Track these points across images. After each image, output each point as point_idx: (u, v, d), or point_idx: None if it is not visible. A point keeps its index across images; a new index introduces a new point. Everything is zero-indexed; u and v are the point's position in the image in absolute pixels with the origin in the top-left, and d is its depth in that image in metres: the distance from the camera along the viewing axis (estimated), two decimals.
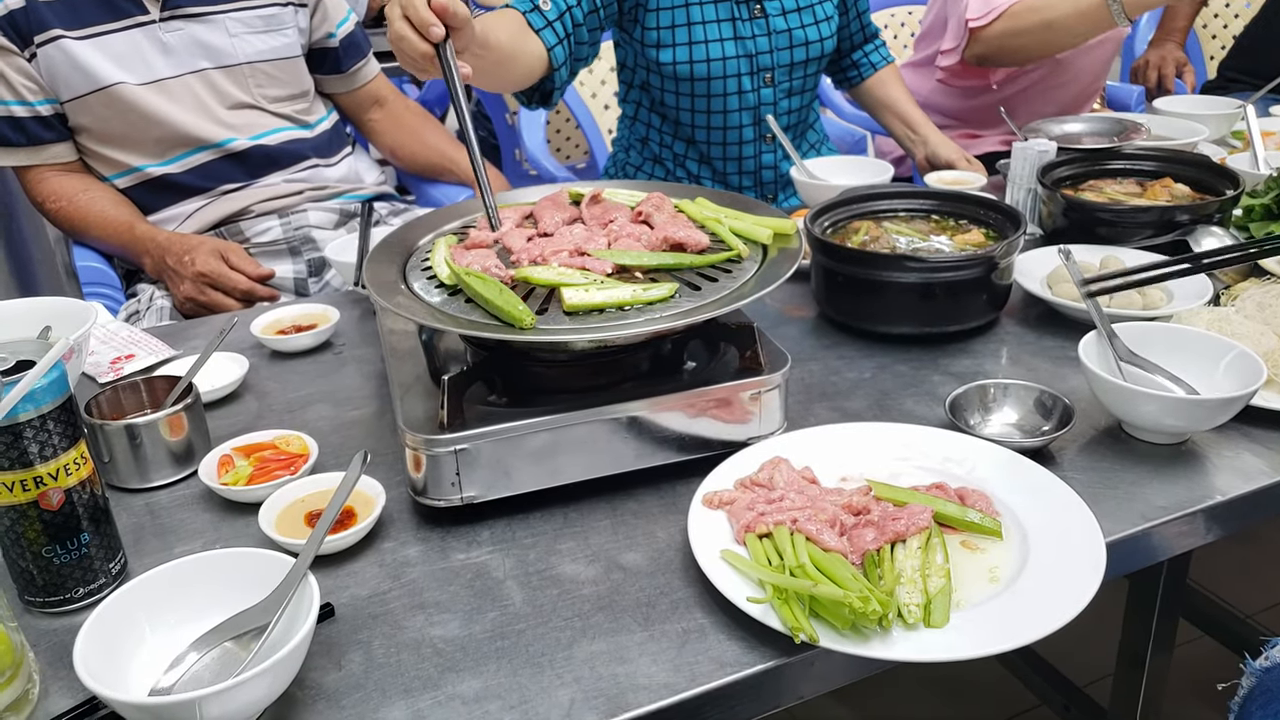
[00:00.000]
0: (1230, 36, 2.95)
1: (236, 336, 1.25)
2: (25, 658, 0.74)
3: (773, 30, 1.71)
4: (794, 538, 0.81)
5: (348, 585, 0.85)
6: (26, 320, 1.14)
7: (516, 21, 1.46)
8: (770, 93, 1.76)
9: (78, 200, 1.68)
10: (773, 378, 0.96)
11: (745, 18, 1.69)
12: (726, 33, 1.68)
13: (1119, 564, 0.88)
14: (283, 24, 1.78)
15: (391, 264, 1.02)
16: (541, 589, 0.84)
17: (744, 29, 1.69)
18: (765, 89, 1.75)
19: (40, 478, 0.77)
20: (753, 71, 1.72)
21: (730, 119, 1.76)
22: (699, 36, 1.67)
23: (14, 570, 0.81)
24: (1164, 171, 1.55)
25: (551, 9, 1.48)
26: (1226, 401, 0.95)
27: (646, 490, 0.95)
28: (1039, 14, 1.89)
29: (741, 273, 0.97)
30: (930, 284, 1.17)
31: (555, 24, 1.49)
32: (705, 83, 1.71)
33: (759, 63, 1.72)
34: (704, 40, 1.67)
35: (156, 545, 0.92)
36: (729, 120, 1.77)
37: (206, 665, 0.73)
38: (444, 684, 0.75)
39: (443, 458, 0.88)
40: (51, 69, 1.61)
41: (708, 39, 1.68)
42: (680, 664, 0.75)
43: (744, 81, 1.72)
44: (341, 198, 1.86)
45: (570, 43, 1.52)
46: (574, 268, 0.95)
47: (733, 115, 1.76)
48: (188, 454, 1.01)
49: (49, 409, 0.76)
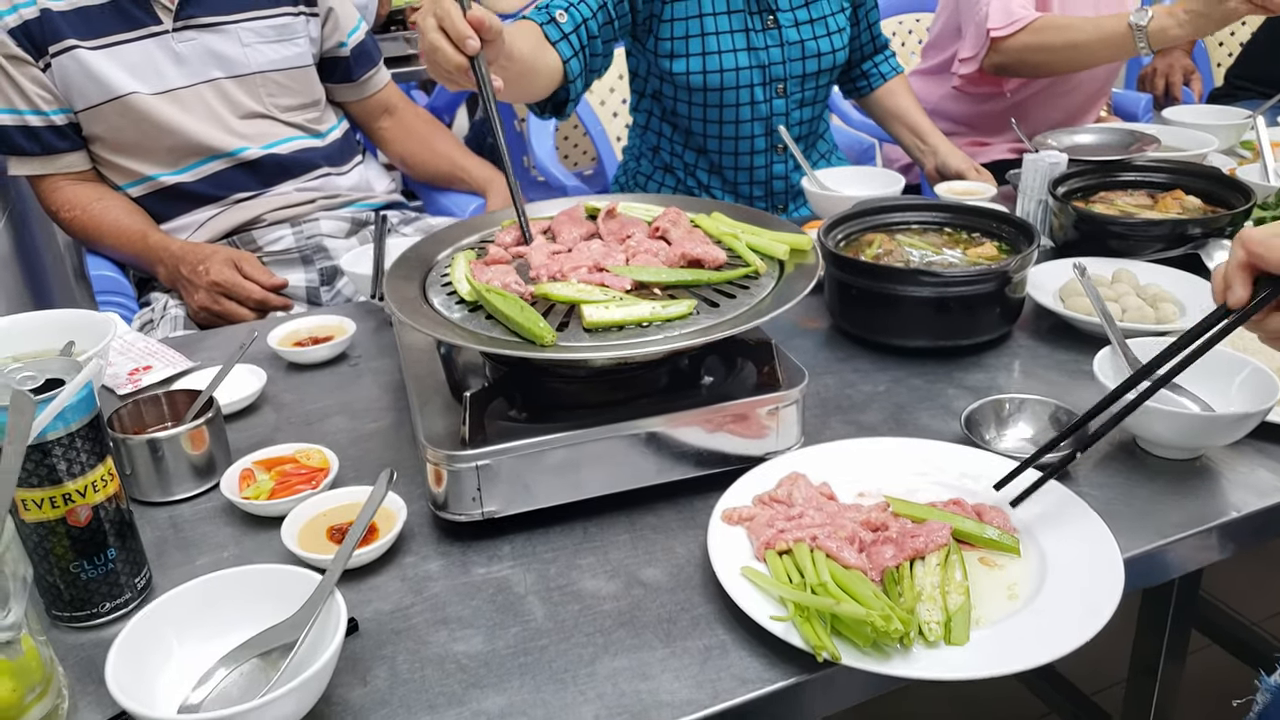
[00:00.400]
0: (1237, 44, 2.96)
1: (253, 348, 1.25)
2: (55, 673, 0.74)
3: (785, 41, 1.72)
4: (814, 555, 0.82)
5: (370, 600, 0.86)
6: (47, 332, 1.14)
7: (535, 33, 1.47)
8: (782, 104, 1.77)
9: (91, 209, 1.69)
10: (790, 393, 0.97)
11: (758, 29, 1.70)
12: (740, 44, 1.69)
13: (1135, 580, 0.88)
14: (294, 33, 1.79)
15: (411, 280, 1.03)
16: (563, 604, 0.85)
17: (757, 40, 1.70)
18: (777, 100, 1.76)
19: (69, 494, 0.78)
20: (765, 82, 1.73)
21: (742, 129, 1.77)
22: (712, 47, 1.68)
23: (41, 586, 0.82)
24: (1175, 184, 1.55)
25: (567, 22, 1.49)
26: (1241, 418, 0.96)
27: (665, 505, 0.96)
28: (1064, 34, 1.90)
29: (759, 289, 0.98)
30: (944, 298, 1.18)
31: (571, 36, 1.49)
32: (718, 93, 1.72)
33: (771, 74, 1.73)
34: (717, 51, 1.68)
35: (180, 559, 0.92)
36: (740, 130, 1.77)
37: (234, 681, 0.73)
38: (469, 700, 0.75)
39: (464, 473, 0.89)
40: (66, 79, 1.62)
41: (720, 50, 1.68)
42: (702, 680, 0.76)
43: (756, 92, 1.73)
44: (353, 206, 1.86)
45: (586, 55, 1.53)
46: (593, 284, 0.96)
47: (745, 126, 1.77)
48: (209, 467, 1.02)
49: (77, 427, 0.77)
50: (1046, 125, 2.09)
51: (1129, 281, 1.30)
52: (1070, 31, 1.90)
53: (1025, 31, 1.93)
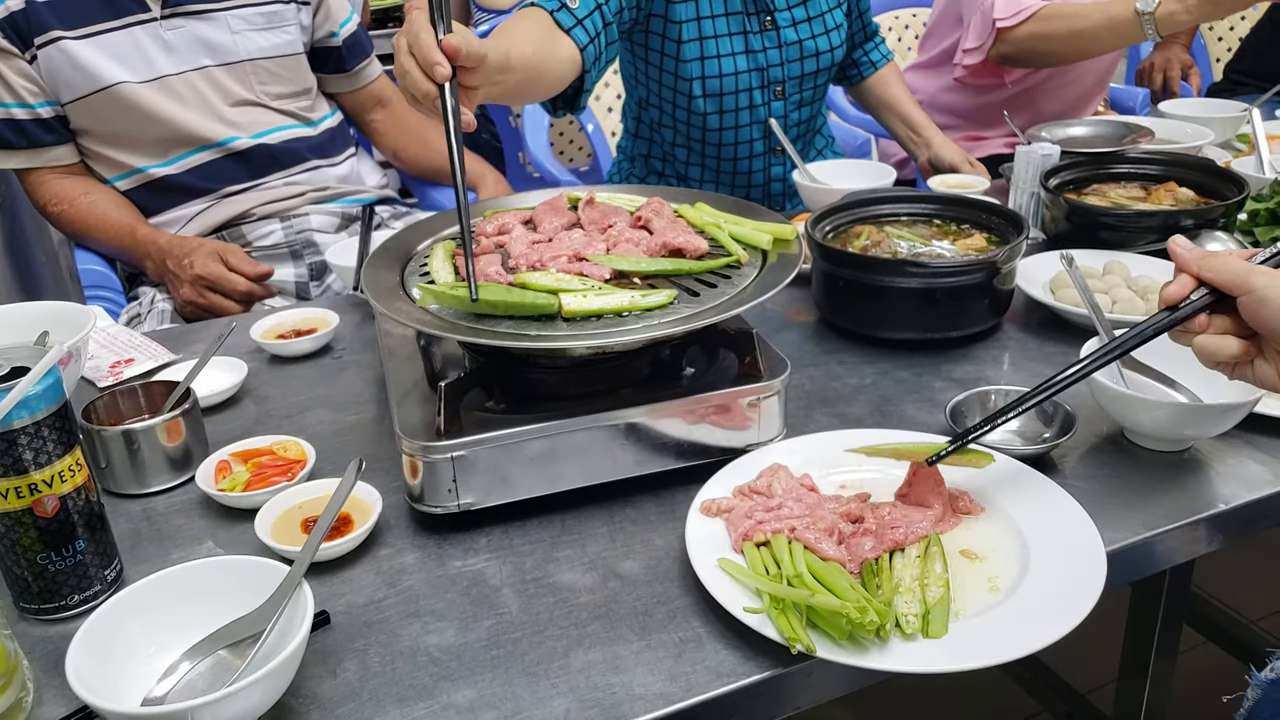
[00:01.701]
0: (1236, 39, 2.94)
1: (236, 341, 1.25)
2: (19, 665, 0.73)
3: (783, 42, 1.70)
4: (792, 546, 0.80)
5: (343, 593, 0.85)
6: (25, 324, 1.13)
7: (543, 24, 1.37)
8: (780, 105, 1.75)
9: (79, 203, 1.68)
10: (772, 384, 0.96)
11: (756, 30, 1.68)
12: (738, 46, 1.67)
13: (1121, 573, 0.87)
14: (284, 21, 1.78)
15: (390, 269, 1.02)
16: (538, 597, 0.84)
17: (755, 42, 1.68)
18: (776, 102, 1.74)
19: (35, 484, 0.77)
20: (764, 85, 1.72)
21: (741, 133, 1.76)
22: (710, 51, 1.66)
23: (9, 577, 0.81)
24: (1168, 175, 1.54)
25: (580, 6, 1.40)
26: (1230, 408, 0.94)
27: (645, 497, 0.95)
28: (1070, 22, 1.87)
29: (741, 278, 0.96)
30: (932, 289, 1.17)
31: (585, 22, 1.41)
32: (717, 98, 1.70)
33: (770, 76, 1.71)
34: (716, 55, 1.66)
35: (153, 551, 0.91)
36: (740, 135, 1.76)
37: (200, 674, 0.72)
38: (439, 693, 0.74)
39: (439, 464, 0.88)
40: (52, 70, 1.61)
41: (719, 53, 1.66)
42: (677, 673, 0.75)
43: (755, 95, 1.72)
44: (343, 200, 1.85)
45: (601, 41, 1.45)
46: (572, 273, 0.94)
47: (744, 130, 1.76)
48: (185, 459, 1.00)
49: (44, 415, 0.76)
50: (1044, 119, 2.07)
51: (1120, 273, 1.29)
52: (1077, 20, 1.87)
53: (1031, 20, 1.90)
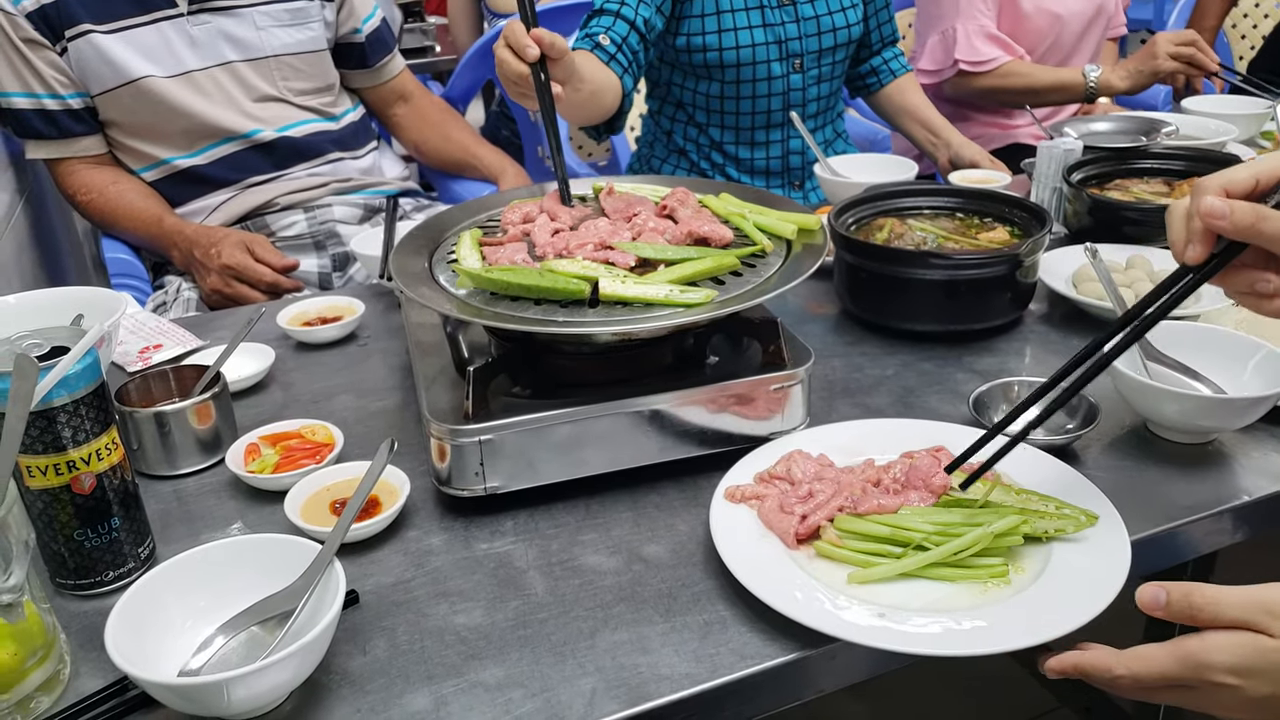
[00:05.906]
0: (1260, 36, 2.92)
1: (263, 328, 1.26)
2: (57, 639, 0.75)
3: (801, 17, 1.76)
4: (864, 520, 0.83)
5: (372, 573, 0.86)
6: (58, 309, 1.15)
7: (590, 57, 1.55)
8: (799, 79, 1.80)
9: (107, 193, 1.71)
10: (796, 373, 0.96)
11: (774, 4, 1.74)
12: (755, 20, 1.73)
13: (1144, 563, 0.87)
14: (309, 18, 1.80)
15: (418, 256, 1.03)
16: (564, 579, 0.84)
17: (772, 16, 1.74)
18: (795, 75, 1.79)
19: (73, 462, 0.78)
20: (782, 58, 1.77)
21: (759, 104, 1.81)
22: (728, 25, 1.72)
23: (46, 553, 0.83)
24: (1191, 171, 1.53)
25: (609, 44, 1.58)
26: (1254, 401, 0.94)
27: (668, 483, 0.95)
28: (1025, 80, 2.18)
29: (765, 268, 0.97)
30: (955, 281, 1.17)
31: (618, 55, 1.59)
32: (735, 69, 1.76)
33: (789, 49, 1.76)
34: (733, 28, 1.73)
35: (184, 531, 0.93)
36: (758, 106, 1.81)
37: (234, 649, 0.74)
38: (467, 671, 0.75)
39: (467, 448, 0.89)
40: (81, 63, 1.63)
41: (737, 26, 1.73)
42: (701, 655, 0.76)
43: (774, 68, 1.77)
44: (365, 192, 1.87)
45: (634, 70, 1.62)
46: (598, 260, 0.95)
47: (761, 101, 1.80)
48: (215, 442, 1.02)
49: (82, 394, 0.78)
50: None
51: (1143, 268, 1.29)
52: (1030, 79, 2.17)
53: (992, 75, 2.19)
